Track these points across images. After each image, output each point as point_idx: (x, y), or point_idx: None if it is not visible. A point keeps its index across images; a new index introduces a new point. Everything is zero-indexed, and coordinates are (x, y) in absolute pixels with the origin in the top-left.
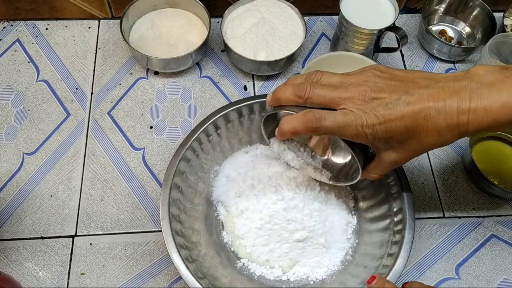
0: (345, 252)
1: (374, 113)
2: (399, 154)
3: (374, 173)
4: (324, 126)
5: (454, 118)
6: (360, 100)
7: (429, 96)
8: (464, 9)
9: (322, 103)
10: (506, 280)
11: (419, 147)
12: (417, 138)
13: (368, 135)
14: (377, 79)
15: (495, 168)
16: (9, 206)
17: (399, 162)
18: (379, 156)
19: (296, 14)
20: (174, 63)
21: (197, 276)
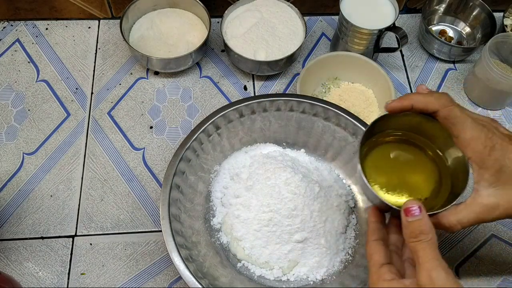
0: (345, 253)
1: (500, 135)
2: (502, 198)
3: (456, 217)
4: (454, 109)
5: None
6: (488, 122)
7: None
8: (464, 9)
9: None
10: (506, 280)
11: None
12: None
13: (487, 147)
14: (503, 126)
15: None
16: (9, 206)
17: (496, 210)
18: (474, 195)
19: (296, 14)
20: (174, 63)
21: (197, 276)
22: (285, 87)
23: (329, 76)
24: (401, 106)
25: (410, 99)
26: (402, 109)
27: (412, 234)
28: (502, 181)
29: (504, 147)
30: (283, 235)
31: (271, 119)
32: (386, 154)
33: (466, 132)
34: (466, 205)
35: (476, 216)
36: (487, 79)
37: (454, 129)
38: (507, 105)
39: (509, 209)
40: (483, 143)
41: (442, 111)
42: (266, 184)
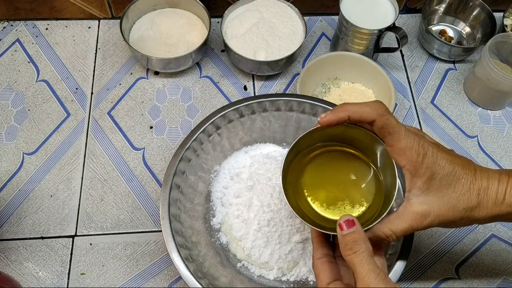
0: None
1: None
2: (432, 205)
3: (389, 227)
4: (390, 118)
5: (495, 183)
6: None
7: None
8: (464, 9)
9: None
10: (506, 280)
11: (456, 202)
12: (458, 190)
13: (420, 155)
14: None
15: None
16: (9, 206)
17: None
18: (406, 204)
19: (296, 14)
20: (174, 63)
21: (197, 276)
22: (285, 87)
23: (329, 76)
24: (338, 119)
25: (346, 110)
26: (338, 122)
27: (347, 247)
28: (433, 188)
29: (435, 154)
30: (283, 235)
31: (271, 119)
32: (321, 168)
33: (401, 141)
34: (398, 215)
35: (408, 225)
36: (487, 79)
37: (389, 138)
38: (507, 105)
39: (440, 216)
40: (416, 151)
41: (378, 121)
42: (267, 184)
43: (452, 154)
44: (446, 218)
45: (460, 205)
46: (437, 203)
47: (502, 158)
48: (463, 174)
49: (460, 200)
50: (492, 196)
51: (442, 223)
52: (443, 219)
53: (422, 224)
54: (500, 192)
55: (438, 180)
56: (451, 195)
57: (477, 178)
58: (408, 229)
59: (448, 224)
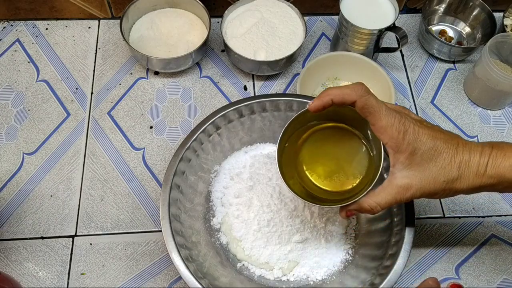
0: (345, 252)
1: (412, 120)
2: (414, 178)
3: (375, 199)
4: (369, 98)
5: (477, 156)
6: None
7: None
8: (464, 9)
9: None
10: (506, 280)
11: (437, 175)
12: (439, 163)
13: (400, 132)
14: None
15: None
16: (9, 206)
17: (410, 190)
18: (390, 178)
19: (296, 14)
20: (174, 63)
21: (197, 276)
22: (285, 87)
23: (329, 76)
24: (323, 104)
25: (328, 94)
26: (324, 106)
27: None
28: (415, 163)
29: (416, 131)
30: (283, 235)
31: (271, 119)
32: (317, 145)
33: (382, 119)
34: (383, 188)
35: (392, 198)
36: (487, 79)
37: (371, 118)
38: (507, 105)
39: (421, 188)
40: (397, 129)
41: (359, 102)
42: (267, 184)
43: (435, 129)
44: (427, 190)
45: (440, 177)
46: (419, 176)
47: None
48: (444, 148)
49: (441, 173)
50: (473, 169)
51: (424, 195)
52: (424, 191)
53: (405, 196)
54: (482, 164)
55: (420, 155)
56: (432, 169)
57: (458, 151)
58: (392, 201)
59: (430, 195)
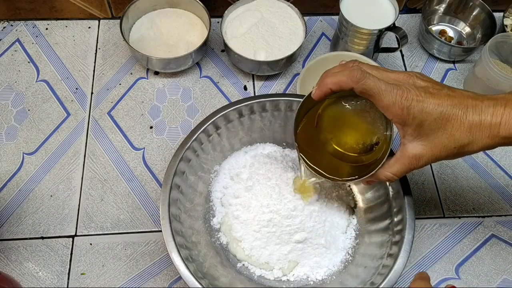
0: (345, 252)
1: (415, 91)
2: (425, 148)
3: (390, 171)
4: (367, 82)
5: (488, 117)
6: (404, 80)
7: (469, 96)
8: (464, 9)
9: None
10: (506, 280)
11: (447, 142)
12: (448, 130)
13: (404, 108)
14: (421, 75)
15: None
16: (9, 206)
17: (422, 158)
18: (402, 149)
19: (296, 14)
20: (174, 63)
21: (197, 276)
22: (285, 87)
23: None
24: (324, 94)
25: (325, 84)
26: (325, 95)
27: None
28: (423, 134)
29: (420, 104)
30: (283, 235)
31: (271, 119)
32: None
33: (383, 100)
34: (396, 159)
35: (406, 167)
36: (487, 79)
37: (372, 99)
38: None
39: (433, 156)
40: (399, 106)
41: (356, 88)
42: (266, 184)
43: (442, 95)
44: (439, 157)
45: (451, 144)
46: (429, 145)
47: (502, 158)
48: (452, 114)
49: (451, 140)
50: (485, 132)
51: (437, 160)
52: (437, 158)
53: (418, 164)
54: (494, 125)
55: (427, 126)
56: (442, 137)
57: (468, 115)
58: (407, 170)
59: (443, 159)
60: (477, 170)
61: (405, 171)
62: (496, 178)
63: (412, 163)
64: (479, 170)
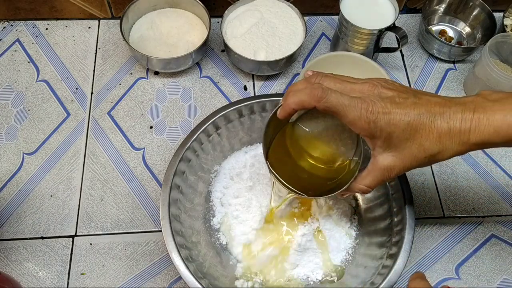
0: (345, 253)
1: (380, 103)
2: (395, 159)
3: (363, 183)
4: (329, 99)
5: (457, 124)
6: (369, 91)
7: (436, 103)
8: (464, 9)
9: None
10: (506, 280)
11: (417, 153)
12: (417, 140)
13: (370, 122)
14: (387, 83)
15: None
16: (9, 206)
17: (394, 170)
18: (373, 161)
19: (296, 14)
20: (174, 63)
21: (197, 276)
22: (285, 87)
23: None
24: (288, 114)
25: (288, 105)
26: (291, 114)
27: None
28: (393, 145)
29: (386, 115)
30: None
31: None
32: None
33: (348, 115)
34: (368, 172)
35: (379, 179)
36: (487, 79)
37: (337, 115)
38: None
39: (405, 166)
40: (365, 120)
41: (319, 106)
42: (266, 185)
43: (408, 104)
44: (411, 167)
45: (421, 154)
46: (399, 156)
47: (502, 158)
48: (419, 124)
49: (421, 150)
50: (455, 139)
51: (410, 169)
52: (408, 168)
53: (391, 175)
54: (464, 132)
55: (396, 137)
56: (411, 147)
57: (436, 123)
58: (380, 182)
59: (416, 168)
60: (477, 170)
61: (378, 182)
62: (496, 178)
63: (384, 174)
64: (479, 170)
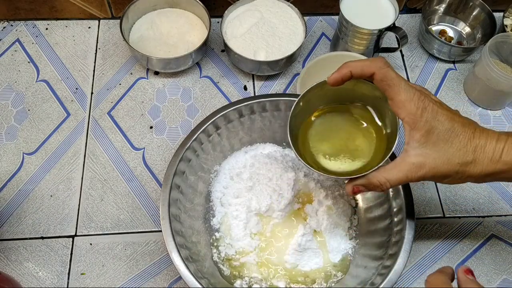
0: (345, 253)
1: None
2: (428, 157)
3: (385, 175)
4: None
5: (493, 142)
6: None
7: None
8: (464, 9)
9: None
10: (506, 280)
11: (452, 157)
12: (455, 145)
13: (419, 108)
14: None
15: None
16: (9, 206)
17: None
18: (403, 155)
19: (296, 14)
20: (174, 63)
21: (197, 276)
22: (285, 87)
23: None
24: (342, 76)
25: (348, 66)
26: (343, 79)
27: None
28: (431, 142)
29: (435, 110)
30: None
31: (271, 119)
32: (326, 124)
33: (401, 93)
34: (395, 164)
35: (403, 175)
36: (487, 79)
37: (389, 91)
38: (507, 105)
39: (435, 168)
40: (416, 105)
41: (378, 73)
42: (266, 185)
43: (454, 113)
44: (440, 171)
45: (455, 159)
46: (433, 155)
47: None
48: (461, 132)
49: (456, 155)
50: (488, 154)
51: (436, 176)
52: (437, 171)
53: (417, 174)
54: (497, 150)
55: (436, 135)
56: (448, 150)
57: (475, 136)
58: (403, 179)
59: (442, 177)
60: None
61: (401, 178)
62: None
63: (411, 170)
64: None
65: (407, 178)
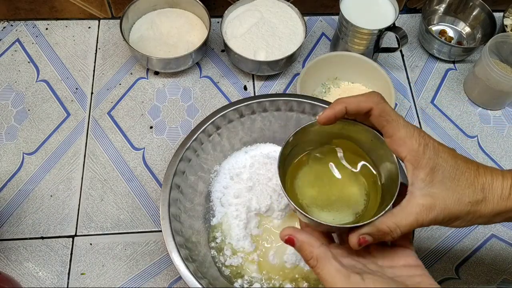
0: None
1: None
2: (437, 197)
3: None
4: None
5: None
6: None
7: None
8: (464, 9)
9: None
10: (506, 280)
11: (461, 195)
12: (462, 183)
13: (421, 145)
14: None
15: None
16: (9, 206)
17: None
18: (409, 197)
19: (296, 14)
20: (174, 63)
21: (197, 276)
22: (285, 87)
23: (329, 76)
24: (335, 112)
25: (342, 102)
26: (336, 116)
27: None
28: (437, 180)
29: (436, 146)
30: None
31: (271, 119)
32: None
33: (401, 130)
34: (401, 208)
35: (414, 218)
36: (487, 79)
37: (388, 127)
38: (507, 105)
39: (446, 209)
40: (417, 141)
41: (376, 109)
42: (266, 185)
43: (453, 150)
44: (451, 212)
45: (465, 198)
46: (442, 195)
47: (502, 158)
48: (466, 169)
49: (465, 193)
50: (497, 191)
51: (447, 218)
52: (448, 213)
53: (428, 217)
54: (506, 187)
55: (441, 172)
56: (456, 188)
57: (480, 173)
58: (414, 223)
59: (453, 219)
60: None
61: (411, 223)
62: None
63: (421, 213)
64: None
65: (417, 222)
